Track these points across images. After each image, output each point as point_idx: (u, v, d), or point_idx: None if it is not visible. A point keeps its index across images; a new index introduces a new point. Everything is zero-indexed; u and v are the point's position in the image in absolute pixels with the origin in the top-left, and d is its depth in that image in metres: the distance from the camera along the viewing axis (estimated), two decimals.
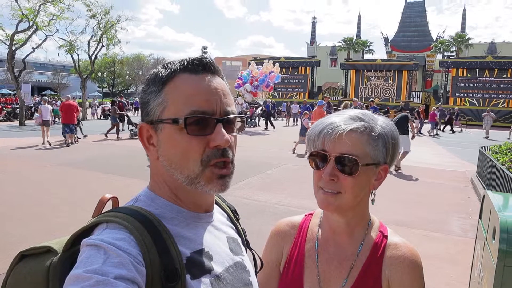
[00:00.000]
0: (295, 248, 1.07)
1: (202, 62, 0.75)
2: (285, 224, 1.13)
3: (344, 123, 0.91)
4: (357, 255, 0.99)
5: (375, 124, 0.94)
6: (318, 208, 1.10)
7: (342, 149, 0.90)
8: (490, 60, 31.16)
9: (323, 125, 0.94)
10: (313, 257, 1.03)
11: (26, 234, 4.68)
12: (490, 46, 47.75)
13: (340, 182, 0.91)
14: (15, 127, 19.55)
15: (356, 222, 1.01)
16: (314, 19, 57.47)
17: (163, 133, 0.73)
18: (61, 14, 22.06)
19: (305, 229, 1.09)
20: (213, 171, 0.72)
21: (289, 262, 1.06)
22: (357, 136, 0.90)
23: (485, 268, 2.27)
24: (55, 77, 48.62)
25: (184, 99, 0.71)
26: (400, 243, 1.00)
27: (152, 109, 0.74)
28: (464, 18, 50.18)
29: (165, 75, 0.74)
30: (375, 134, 0.92)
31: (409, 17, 48.82)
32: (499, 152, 8.01)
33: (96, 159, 10.26)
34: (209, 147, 0.72)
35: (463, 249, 4.55)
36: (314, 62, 37.99)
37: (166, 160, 0.73)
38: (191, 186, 0.73)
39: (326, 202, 0.93)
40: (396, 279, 0.95)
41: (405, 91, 33.72)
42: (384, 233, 1.03)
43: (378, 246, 1.00)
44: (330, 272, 1.00)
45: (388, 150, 0.95)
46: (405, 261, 0.96)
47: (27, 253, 0.69)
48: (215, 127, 0.71)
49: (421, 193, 7.40)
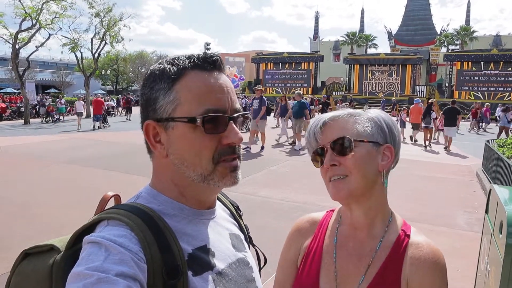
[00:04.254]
0: (313, 243, 1.05)
1: (212, 59, 0.74)
2: (305, 221, 1.11)
3: (328, 114, 0.98)
4: (375, 252, 0.96)
5: (363, 112, 0.98)
6: (322, 202, 1.09)
7: (332, 135, 0.94)
8: (495, 53, 30.88)
9: (312, 124, 0.99)
10: (331, 253, 1.01)
11: (31, 233, 4.71)
12: (495, 39, 47.31)
13: (342, 166, 0.92)
14: (20, 126, 19.67)
15: (374, 214, 0.98)
16: (317, 13, 57.31)
17: (176, 131, 0.72)
18: (64, 12, 22.11)
19: (325, 225, 1.07)
20: (225, 166, 0.73)
21: (306, 257, 1.04)
22: (342, 120, 0.96)
23: (492, 263, 2.25)
24: (59, 75, 48.78)
25: (197, 97, 0.71)
26: (423, 243, 0.97)
27: (161, 106, 0.72)
28: (468, 10, 49.77)
29: (175, 72, 0.73)
30: (363, 117, 0.96)
31: (413, 10, 48.42)
32: (505, 146, 7.94)
33: (99, 156, 10.30)
34: (221, 145, 0.72)
35: (469, 244, 4.53)
36: (317, 57, 37.85)
37: (178, 158, 0.73)
38: (203, 183, 0.73)
39: (336, 189, 0.93)
40: (416, 280, 0.92)
41: (409, 85, 33.54)
42: (406, 232, 0.99)
43: (399, 244, 0.97)
44: (347, 268, 0.98)
45: (384, 130, 0.96)
46: (426, 262, 0.93)
47: (31, 252, 0.70)
48: (227, 124, 0.72)
49: (426, 187, 7.37)
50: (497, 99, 29.97)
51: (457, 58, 32.46)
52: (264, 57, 40.46)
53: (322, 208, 1.17)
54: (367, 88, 34.69)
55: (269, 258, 0.98)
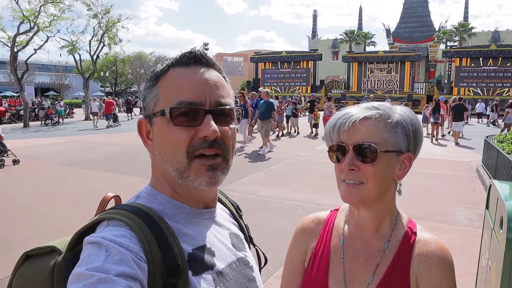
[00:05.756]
0: (320, 244, 1.04)
1: (192, 54, 0.75)
2: (310, 221, 1.10)
3: (358, 112, 0.90)
4: (383, 252, 0.96)
5: (392, 112, 0.91)
6: (324, 202, 1.09)
7: (358, 137, 0.88)
8: (493, 49, 30.89)
9: (337, 118, 0.92)
10: (338, 253, 1.00)
11: (32, 235, 4.71)
12: (494, 35, 47.30)
13: (361, 172, 0.88)
14: (19, 129, 19.66)
15: (383, 217, 0.97)
16: (315, 12, 57.08)
17: (155, 126, 0.74)
18: (61, 14, 22.10)
19: (330, 225, 1.06)
20: (200, 163, 0.71)
21: (314, 258, 1.03)
22: (372, 123, 0.88)
23: (493, 258, 2.26)
24: (58, 77, 48.75)
25: (172, 90, 0.72)
26: (430, 240, 0.96)
27: (148, 103, 0.75)
28: (466, 7, 49.60)
29: (161, 69, 0.75)
30: (392, 121, 0.89)
31: (411, 7, 48.44)
32: (505, 141, 7.93)
33: (99, 158, 10.30)
34: (196, 138, 0.71)
35: (469, 239, 4.53)
36: (315, 56, 37.84)
37: (159, 153, 0.74)
38: (181, 180, 0.73)
39: (349, 194, 0.90)
40: (425, 277, 0.92)
41: (408, 83, 33.53)
42: (412, 229, 0.99)
43: (407, 242, 0.96)
44: (356, 268, 0.97)
45: (409, 138, 0.91)
46: (434, 259, 0.93)
47: (32, 253, 0.70)
48: (204, 118, 0.71)
49: (426, 184, 7.37)
50: (496, 94, 29.96)
51: (456, 55, 32.44)
52: (263, 57, 40.45)
53: (322, 207, 1.17)
54: (366, 86, 34.67)
55: (269, 257, 0.98)
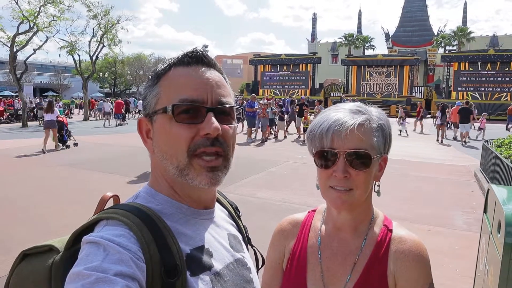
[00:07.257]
0: (297, 245, 1.05)
1: (194, 54, 0.76)
2: (287, 223, 1.11)
3: (350, 118, 0.88)
4: (360, 250, 0.97)
5: (372, 115, 0.93)
6: (320, 204, 1.09)
7: (351, 144, 0.87)
8: (492, 53, 31.00)
9: (329, 122, 0.89)
10: (316, 254, 1.01)
11: (30, 235, 4.69)
12: (492, 39, 47.44)
13: (352, 179, 0.89)
14: (17, 129, 19.61)
15: (363, 217, 0.99)
16: (314, 15, 57.21)
17: (156, 123, 0.74)
18: (61, 15, 22.07)
19: (307, 226, 1.07)
20: (201, 163, 0.71)
21: (291, 259, 1.04)
22: (364, 129, 0.89)
23: (490, 262, 2.26)
24: (57, 78, 48.72)
25: (174, 89, 0.73)
26: (406, 236, 0.98)
27: (148, 102, 0.76)
28: (465, 11, 49.77)
29: (162, 69, 0.76)
30: (376, 125, 0.91)
31: (410, 11, 48.54)
32: (503, 146, 7.95)
33: (98, 159, 10.28)
34: (198, 136, 0.71)
35: (467, 244, 4.53)
36: (315, 59, 37.91)
37: (159, 151, 0.74)
38: (181, 179, 0.73)
39: (340, 200, 0.90)
40: (402, 273, 0.93)
41: (407, 86, 33.62)
42: (388, 227, 1.00)
43: (383, 240, 0.97)
44: (333, 268, 0.98)
45: (387, 140, 0.94)
46: (410, 255, 0.94)
47: (30, 252, 0.69)
48: (205, 115, 0.71)
49: (424, 188, 7.38)
50: (494, 99, 30.06)
51: (454, 59, 32.56)
52: (262, 59, 40.48)
53: None
54: (365, 89, 34.74)
55: None
